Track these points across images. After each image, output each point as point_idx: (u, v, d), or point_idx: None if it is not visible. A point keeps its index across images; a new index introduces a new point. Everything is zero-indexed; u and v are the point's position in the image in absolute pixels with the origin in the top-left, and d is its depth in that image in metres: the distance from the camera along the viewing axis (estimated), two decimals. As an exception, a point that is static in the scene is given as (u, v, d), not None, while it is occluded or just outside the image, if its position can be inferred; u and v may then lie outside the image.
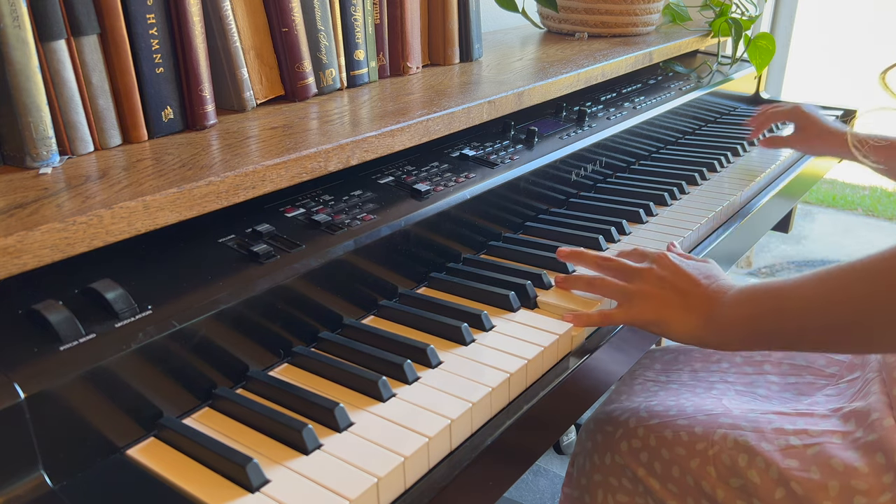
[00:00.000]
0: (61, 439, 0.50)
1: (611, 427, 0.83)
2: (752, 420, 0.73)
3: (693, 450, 0.74)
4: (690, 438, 0.75)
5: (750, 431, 0.72)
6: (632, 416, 0.82)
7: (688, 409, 0.79)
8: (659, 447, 0.77)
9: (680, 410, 0.79)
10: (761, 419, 0.73)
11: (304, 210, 0.73)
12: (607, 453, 0.82)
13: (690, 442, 0.75)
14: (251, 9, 0.81)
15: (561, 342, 0.70)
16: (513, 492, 1.58)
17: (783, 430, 0.71)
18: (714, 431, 0.74)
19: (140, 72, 0.70)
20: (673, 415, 0.79)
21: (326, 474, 0.52)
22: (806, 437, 0.70)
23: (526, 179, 0.93)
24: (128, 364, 0.53)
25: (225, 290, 0.60)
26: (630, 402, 0.86)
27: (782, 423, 0.72)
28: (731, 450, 0.72)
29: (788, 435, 0.70)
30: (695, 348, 0.97)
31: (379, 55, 0.98)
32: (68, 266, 0.55)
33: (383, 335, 0.68)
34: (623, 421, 0.82)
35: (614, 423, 0.83)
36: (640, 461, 0.79)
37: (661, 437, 0.77)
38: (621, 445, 0.81)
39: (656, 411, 0.81)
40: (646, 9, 1.40)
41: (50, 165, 0.63)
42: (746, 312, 0.65)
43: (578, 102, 1.17)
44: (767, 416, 0.73)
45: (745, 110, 1.62)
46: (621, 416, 0.83)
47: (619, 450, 0.81)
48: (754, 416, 0.74)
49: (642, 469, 0.78)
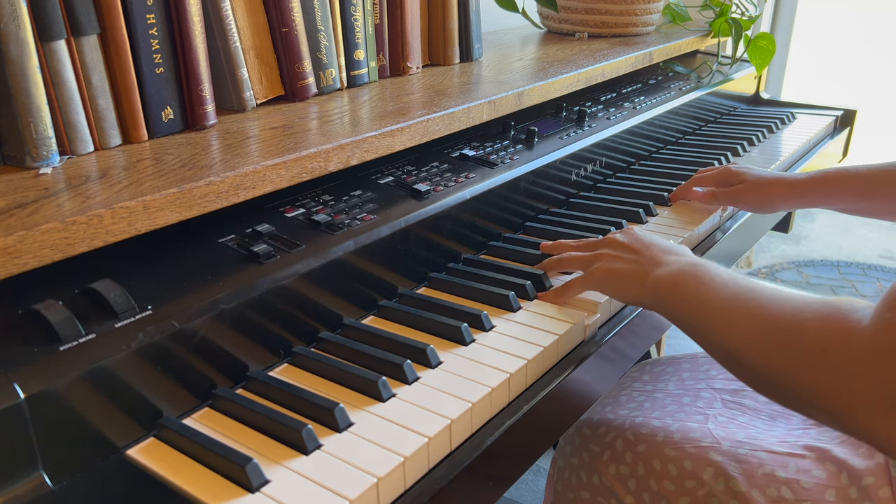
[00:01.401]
0: (61, 439, 0.50)
1: (597, 447, 0.82)
2: (742, 458, 0.72)
3: (682, 487, 0.73)
4: (679, 473, 0.74)
5: (740, 475, 0.70)
6: (618, 438, 0.80)
7: (675, 436, 0.77)
8: (647, 477, 0.76)
9: (666, 435, 0.77)
10: (751, 458, 0.72)
11: (304, 210, 0.73)
12: (594, 474, 0.81)
13: (679, 477, 0.74)
14: (251, 9, 0.81)
15: (561, 342, 0.70)
16: (513, 492, 1.58)
17: (775, 477, 0.69)
18: (703, 469, 0.72)
19: (140, 72, 0.70)
20: (660, 440, 0.77)
21: (326, 474, 0.52)
22: (799, 490, 0.68)
23: (526, 179, 0.93)
24: (128, 364, 0.53)
25: (225, 290, 0.60)
26: (614, 415, 0.85)
27: (774, 466, 0.70)
28: (721, 493, 0.70)
29: (780, 485, 0.69)
30: (684, 359, 0.96)
31: (379, 55, 0.98)
32: (68, 266, 0.55)
33: (383, 335, 0.68)
34: (609, 442, 0.81)
35: (600, 442, 0.82)
36: (629, 488, 0.77)
37: (650, 467, 0.76)
38: (609, 469, 0.79)
39: (642, 434, 0.79)
40: (646, 9, 1.40)
41: (50, 165, 0.63)
42: (669, 288, 0.67)
43: (578, 102, 1.17)
44: (757, 455, 0.72)
45: (746, 110, 1.62)
46: (607, 436, 0.82)
47: (606, 473, 0.80)
48: (744, 452, 0.72)
49: (630, 497, 0.77)
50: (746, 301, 0.59)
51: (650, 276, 0.69)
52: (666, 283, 0.67)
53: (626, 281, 0.71)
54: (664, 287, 0.67)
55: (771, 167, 1.21)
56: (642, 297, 0.70)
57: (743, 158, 1.27)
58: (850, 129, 1.58)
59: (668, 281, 0.67)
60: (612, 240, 0.76)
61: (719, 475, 0.71)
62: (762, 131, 1.40)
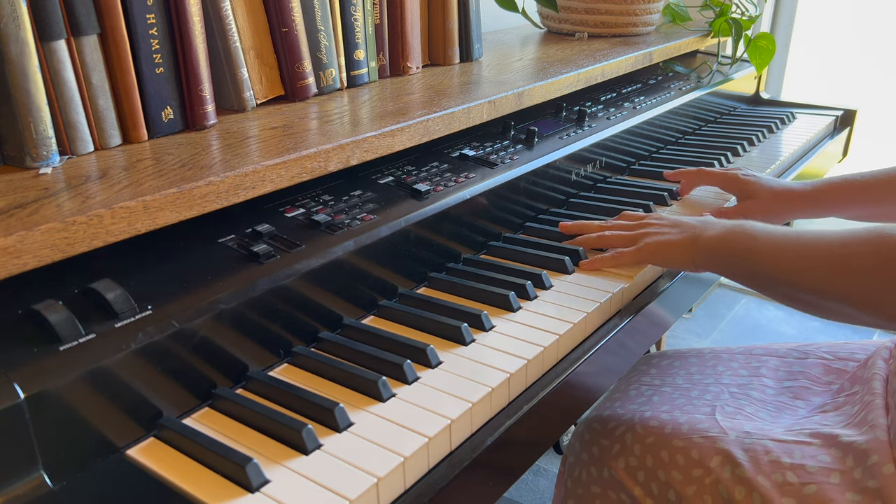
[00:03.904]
0: (61, 439, 0.50)
1: (606, 441, 0.82)
2: (748, 447, 0.72)
3: (689, 476, 0.74)
4: (687, 463, 0.74)
5: (746, 462, 0.71)
6: (627, 431, 0.81)
7: (683, 427, 0.78)
8: (655, 468, 0.76)
9: (675, 427, 0.78)
10: (757, 446, 0.72)
11: (304, 210, 0.73)
12: (604, 468, 0.82)
13: (687, 467, 0.74)
14: (251, 9, 0.81)
15: (561, 342, 0.70)
16: (513, 492, 1.58)
17: (780, 463, 0.70)
18: (710, 458, 0.73)
19: (140, 72, 0.70)
20: (668, 433, 0.78)
21: (326, 474, 0.52)
22: (804, 474, 0.68)
23: (526, 179, 0.93)
24: (128, 364, 0.53)
25: (225, 290, 0.60)
26: (623, 410, 0.85)
27: (779, 453, 0.71)
28: (727, 480, 0.71)
29: (785, 470, 0.69)
30: (690, 354, 0.96)
31: (379, 55, 0.98)
32: (68, 266, 0.55)
33: (383, 335, 0.68)
34: (619, 436, 0.81)
35: (610, 436, 0.82)
36: (637, 480, 0.78)
37: (658, 458, 0.77)
38: (618, 462, 0.80)
39: (651, 427, 0.80)
40: (646, 9, 1.40)
41: (50, 165, 0.63)
42: (725, 244, 0.77)
43: (578, 102, 1.17)
44: (764, 444, 0.72)
45: (746, 110, 1.62)
46: (616, 430, 0.82)
47: (616, 466, 0.80)
48: (750, 441, 0.73)
49: (639, 489, 0.78)
50: (801, 242, 0.70)
51: (700, 240, 0.79)
52: (719, 241, 0.77)
53: (678, 249, 0.80)
54: (719, 245, 0.77)
55: (771, 167, 1.22)
56: (696, 258, 0.79)
57: (743, 158, 1.27)
58: (850, 129, 1.58)
59: (721, 239, 0.77)
60: (650, 221, 0.86)
61: (726, 462, 0.72)
62: (762, 131, 1.40)
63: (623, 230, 0.87)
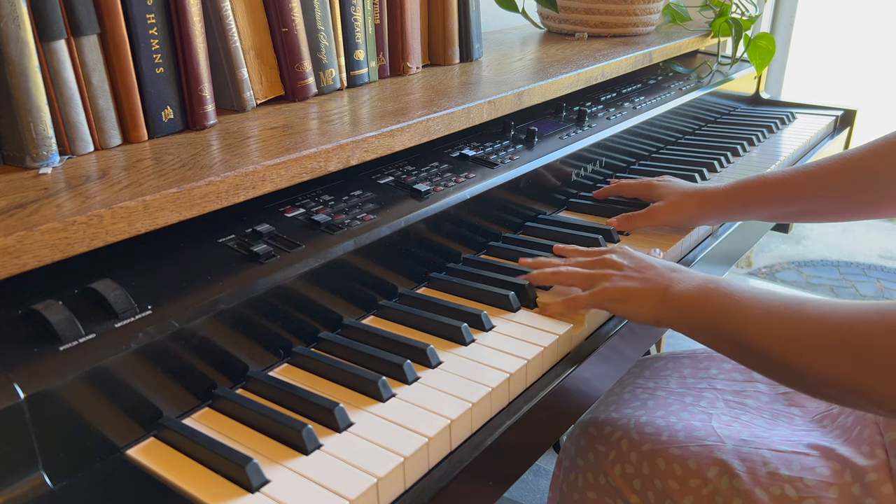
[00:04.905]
0: (61, 439, 0.50)
1: (603, 447, 0.82)
2: (745, 456, 0.72)
3: (686, 486, 0.73)
4: (684, 472, 0.74)
5: (744, 473, 0.71)
6: (623, 437, 0.80)
7: (679, 435, 0.77)
8: (652, 477, 0.76)
9: (671, 434, 0.78)
10: (755, 456, 0.72)
11: (304, 210, 0.73)
12: (601, 474, 0.81)
13: (684, 476, 0.74)
14: (251, 9, 0.81)
15: (561, 342, 0.70)
16: (513, 492, 1.58)
17: (778, 475, 0.69)
18: (708, 468, 0.73)
19: (140, 72, 0.70)
20: (664, 440, 0.77)
21: (326, 474, 0.52)
22: (802, 487, 0.68)
23: (526, 179, 0.93)
24: (128, 364, 0.53)
25: (225, 290, 0.60)
26: (619, 413, 0.85)
27: (777, 464, 0.70)
28: (725, 492, 0.71)
29: (784, 483, 0.69)
30: (684, 355, 0.96)
31: (379, 55, 0.98)
32: (68, 266, 0.55)
33: (383, 335, 0.68)
34: (615, 442, 0.81)
35: (606, 441, 0.82)
36: (634, 488, 0.77)
37: (654, 466, 0.76)
38: (615, 469, 0.79)
39: (647, 434, 0.79)
40: (646, 9, 1.40)
41: (50, 165, 0.63)
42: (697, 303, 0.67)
43: (578, 102, 1.17)
44: (761, 453, 0.72)
45: (746, 110, 1.62)
46: (613, 436, 0.82)
47: (612, 473, 0.80)
48: (748, 450, 0.73)
49: (635, 497, 0.77)
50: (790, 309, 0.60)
51: (669, 293, 0.69)
52: (690, 298, 0.67)
53: (642, 300, 0.70)
54: (689, 302, 0.67)
55: (771, 167, 1.22)
56: (661, 314, 0.69)
57: (743, 158, 1.27)
58: (850, 129, 1.58)
59: (692, 296, 0.67)
60: (612, 260, 0.75)
61: (723, 473, 0.72)
62: (762, 131, 1.40)
63: (580, 267, 0.76)
